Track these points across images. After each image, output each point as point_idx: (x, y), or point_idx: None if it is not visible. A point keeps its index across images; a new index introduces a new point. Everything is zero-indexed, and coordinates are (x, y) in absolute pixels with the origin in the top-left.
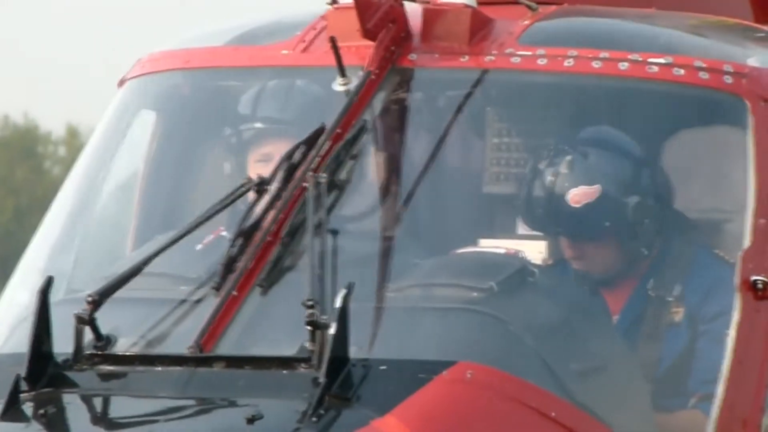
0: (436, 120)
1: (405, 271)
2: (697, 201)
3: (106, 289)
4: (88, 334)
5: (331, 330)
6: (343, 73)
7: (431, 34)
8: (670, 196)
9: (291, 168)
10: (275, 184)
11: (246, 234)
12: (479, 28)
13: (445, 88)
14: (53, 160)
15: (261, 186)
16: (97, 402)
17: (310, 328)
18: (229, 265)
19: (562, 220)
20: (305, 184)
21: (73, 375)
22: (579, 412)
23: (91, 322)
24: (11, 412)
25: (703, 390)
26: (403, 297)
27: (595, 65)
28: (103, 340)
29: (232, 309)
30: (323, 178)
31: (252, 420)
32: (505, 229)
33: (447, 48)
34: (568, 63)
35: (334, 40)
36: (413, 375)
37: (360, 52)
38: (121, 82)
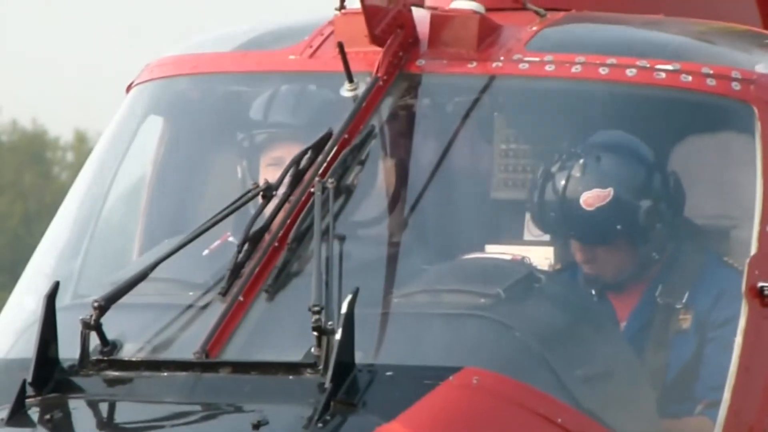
0: (443, 126)
1: (411, 277)
2: (705, 207)
3: (113, 295)
4: (94, 340)
5: (337, 335)
6: (350, 79)
7: (439, 40)
8: (681, 202)
9: (298, 173)
10: (282, 190)
11: (253, 239)
12: (487, 34)
13: (452, 94)
14: (61, 165)
15: (268, 191)
16: (103, 407)
17: (316, 333)
18: (236, 270)
19: (575, 223)
20: (312, 190)
21: (79, 380)
22: (585, 418)
23: (97, 328)
24: (17, 417)
25: (710, 396)
26: (410, 303)
27: (603, 71)
28: (109, 346)
29: (239, 314)
30: (330, 183)
31: (258, 425)
32: (513, 235)
33: (455, 54)
34: (576, 69)
35: (341, 46)
36: (419, 381)
37: (368, 57)
38: (129, 88)
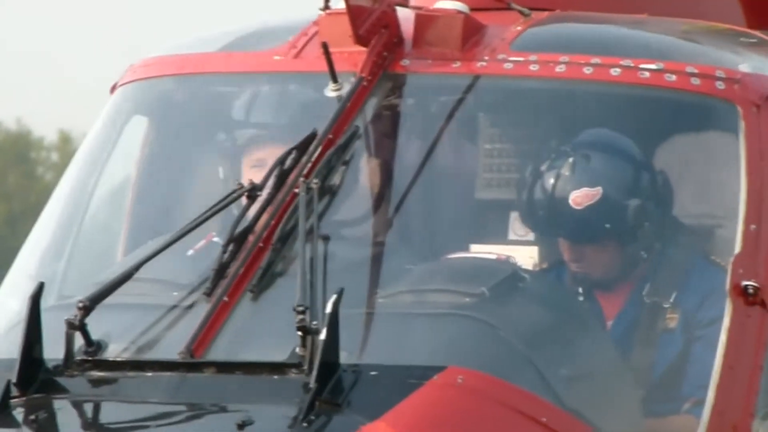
0: (428, 126)
1: (396, 277)
2: (689, 206)
3: (97, 295)
4: (79, 340)
5: (322, 335)
6: (335, 79)
7: (423, 40)
8: (669, 201)
9: (282, 174)
10: (267, 190)
11: (237, 240)
12: (471, 34)
13: (437, 93)
14: (46, 165)
15: (252, 192)
16: (88, 408)
17: (300, 333)
18: (221, 270)
19: (563, 221)
20: (296, 190)
21: (64, 381)
22: (570, 417)
23: (81, 328)
24: (1, 417)
25: (697, 395)
26: (394, 302)
27: (587, 71)
28: (94, 346)
29: (223, 315)
30: (315, 183)
31: (242, 425)
32: (498, 235)
33: (439, 54)
34: (560, 69)
35: (326, 46)
36: (404, 380)
37: (352, 57)
38: (113, 88)
